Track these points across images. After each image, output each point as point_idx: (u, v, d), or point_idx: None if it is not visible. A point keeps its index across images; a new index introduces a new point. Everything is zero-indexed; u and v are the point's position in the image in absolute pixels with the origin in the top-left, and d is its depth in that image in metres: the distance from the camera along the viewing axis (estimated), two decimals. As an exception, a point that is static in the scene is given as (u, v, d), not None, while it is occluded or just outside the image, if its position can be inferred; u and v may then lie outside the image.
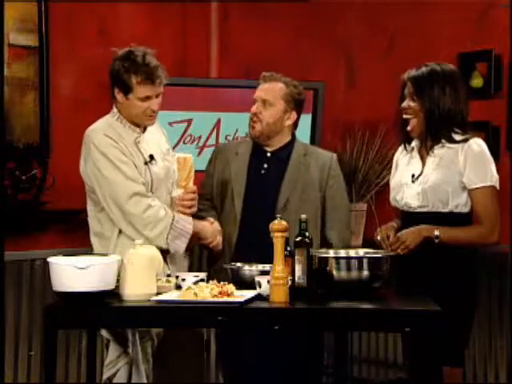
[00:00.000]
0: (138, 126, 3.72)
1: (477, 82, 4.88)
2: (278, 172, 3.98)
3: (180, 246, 3.64)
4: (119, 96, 3.66)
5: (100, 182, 3.61)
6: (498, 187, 3.62)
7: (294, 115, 4.02)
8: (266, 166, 4.02)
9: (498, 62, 4.78)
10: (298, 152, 4.03)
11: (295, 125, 4.06)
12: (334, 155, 4.11)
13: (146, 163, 3.69)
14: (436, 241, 3.51)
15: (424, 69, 3.65)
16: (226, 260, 3.86)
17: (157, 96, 3.67)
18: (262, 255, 3.54)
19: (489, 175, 3.59)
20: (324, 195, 3.99)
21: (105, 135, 3.63)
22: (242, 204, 3.94)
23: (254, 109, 3.98)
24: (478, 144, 3.60)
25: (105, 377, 3.65)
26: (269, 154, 4.02)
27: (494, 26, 4.80)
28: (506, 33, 4.69)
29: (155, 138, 3.81)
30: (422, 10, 5.11)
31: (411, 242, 3.52)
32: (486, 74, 4.84)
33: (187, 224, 3.66)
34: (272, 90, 3.98)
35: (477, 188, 3.57)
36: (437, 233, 3.51)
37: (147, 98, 3.63)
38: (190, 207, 3.75)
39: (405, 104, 3.67)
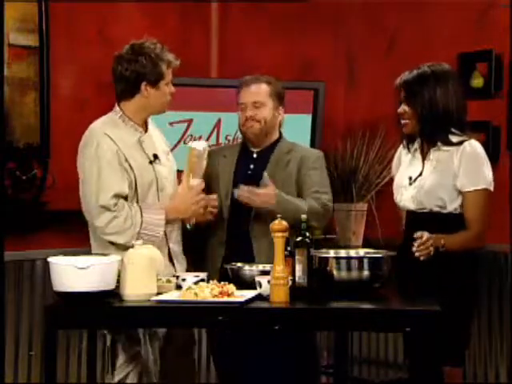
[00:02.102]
0: (140, 124, 3.74)
1: (477, 82, 4.88)
2: (262, 172, 3.99)
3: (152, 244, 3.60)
4: (147, 91, 3.68)
5: (82, 180, 3.66)
6: (491, 188, 3.61)
7: (281, 110, 4.06)
8: (252, 166, 4.03)
9: (498, 61, 4.78)
10: (280, 150, 4.05)
11: (280, 123, 4.10)
12: (320, 152, 4.13)
13: (150, 162, 3.70)
14: (441, 249, 3.49)
15: (414, 72, 3.65)
16: (217, 258, 3.89)
17: None
18: (249, 254, 3.78)
19: (481, 178, 3.57)
20: (299, 187, 3.99)
21: (105, 134, 3.63)
22: (229, 204, 3.96)
23: (248, 114, 3.98)
24: (471, 146, 3.59)
25: (116, 379, 3.61)
26: (255, 155, 4.04)
27: (494, 26, 4.79)
28: (506, 33, 4.68)
29: (157, 138, 3.83)
30: (422, 10, 5.11)
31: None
32: (486, 74, 4.84)
33: (156, 227, 3.63)
34: (258, 92, 4.00)
35: (468, 191, 3.56)
36: (443, 242, 3.49)
37: (170, 82, 3.73)
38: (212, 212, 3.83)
39: (400, 109, 3.68)
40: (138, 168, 3.66)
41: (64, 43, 4.74)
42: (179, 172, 3.90)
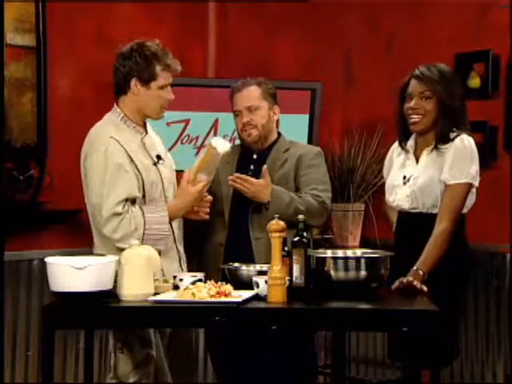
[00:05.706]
0: (140, 125, 3.70)
1: (474, 82, 4.88)
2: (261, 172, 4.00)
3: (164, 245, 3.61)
4: (137, 88, 3.62)
5: (90, 185, 3.57)
6: (474, 183, 3.58)
7: (277, 109, 4.07)
8: (252, 167, 4.04)
9: (495, 62, 4.78)
10: (278, 149, 4.06)
11: (277, 122, 4.11)
12: (318, 149, 4.13)
13: (154, 164, 3.67)
14: (425, 277, 3.43)
15: (433, 68, 3.61)
16: (218, 259, 3.90)
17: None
18: (250, 255, 3.84)
19: (463, 172, 3.54)
20: (297, 185, 3.99)
21: (111, 137, 3.58)
22: (229, 206, 3.97)
23: (243, 120, 4.00)
24: (461, 140, 3.57)
25: (131, 380, 3.57)
26: (255, 156, 4.05)
27: (493, 27, 4.80)
28: (504, 34, 4.69)
29: (156, 139, 3.81)
30: (421, 11, 5.12)
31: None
32: (483, 75, 4.85)
33: (161, 225, 3.57)
34: (250, 96, 4.01)
35: (449, 184, 3.54)
36: (421, 273, 3.44)
37: (165, 86, 3.65)
38: (206, 213, 3.79)
39: (413, 104, 3.61)
40: (144, 169, 3.61)
41: (61, 43, 4.73)
42: (177, 172, 3.90)
